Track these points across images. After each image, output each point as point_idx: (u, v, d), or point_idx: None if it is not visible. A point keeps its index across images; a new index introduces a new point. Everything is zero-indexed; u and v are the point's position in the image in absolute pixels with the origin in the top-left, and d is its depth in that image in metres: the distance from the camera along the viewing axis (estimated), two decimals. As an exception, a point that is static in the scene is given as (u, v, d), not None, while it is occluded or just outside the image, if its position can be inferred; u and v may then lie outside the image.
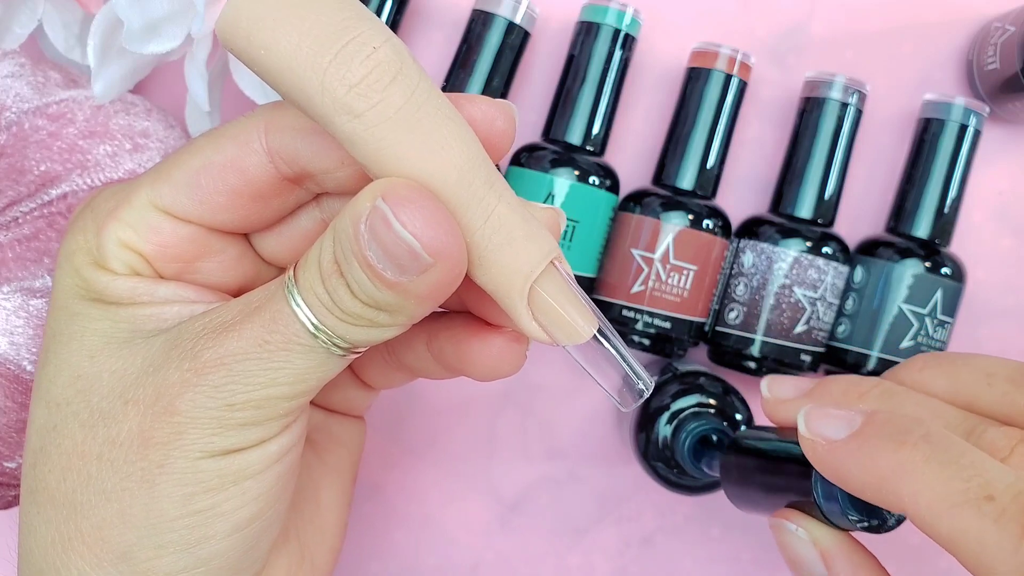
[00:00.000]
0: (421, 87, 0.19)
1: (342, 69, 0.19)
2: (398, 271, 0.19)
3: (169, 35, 0.30)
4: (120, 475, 0.21)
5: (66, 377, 0.23)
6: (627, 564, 0.41)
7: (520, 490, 0.41)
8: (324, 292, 0.20)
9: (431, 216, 0.19)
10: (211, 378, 0.21)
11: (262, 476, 0.22)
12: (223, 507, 0.22)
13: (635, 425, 0.37)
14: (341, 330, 0.21)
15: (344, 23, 0.19)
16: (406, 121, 0.19)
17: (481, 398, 0.41)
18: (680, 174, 0.37)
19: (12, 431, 0.30)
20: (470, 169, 0.19)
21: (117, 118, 0.32)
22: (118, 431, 0.22)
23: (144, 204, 0.23)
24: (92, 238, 0.24)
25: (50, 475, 0.22)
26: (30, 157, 0.30)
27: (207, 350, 0.21)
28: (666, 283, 0.36)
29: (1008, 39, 0.37)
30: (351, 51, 0.19)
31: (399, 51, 0.19)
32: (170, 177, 0.23)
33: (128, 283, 0.23)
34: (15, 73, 0.31)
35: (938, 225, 0.38)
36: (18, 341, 0.29)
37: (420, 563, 0.41)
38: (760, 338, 0.37)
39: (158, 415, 0.21)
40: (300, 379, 0.21)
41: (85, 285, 0.24)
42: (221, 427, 0.21)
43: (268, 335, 0.21)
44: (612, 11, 0.37)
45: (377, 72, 0.19)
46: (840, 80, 0.37)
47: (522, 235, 0.20)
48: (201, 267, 0.24)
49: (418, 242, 0.19)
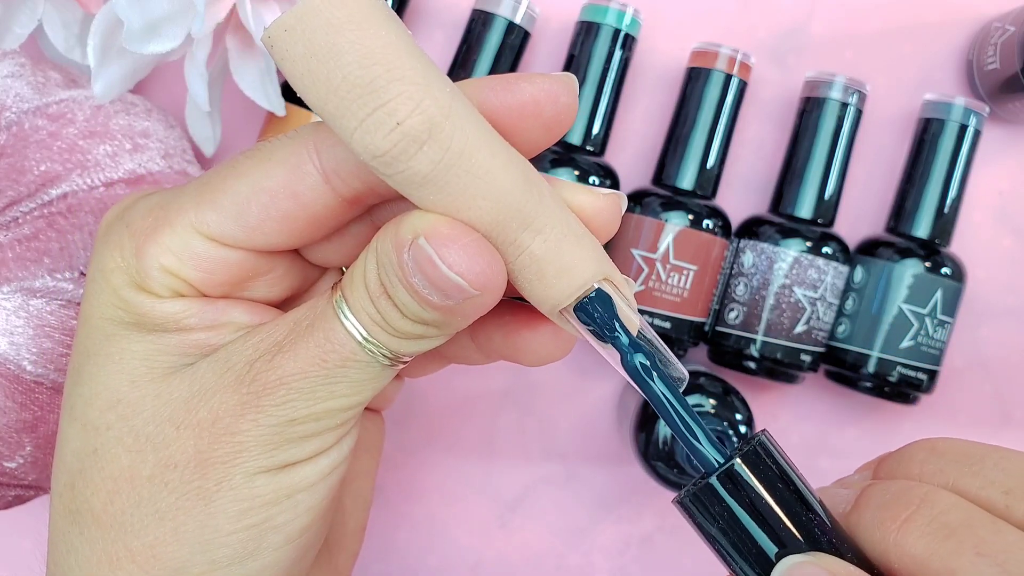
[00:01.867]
0: (453, 148, 0.19)
1: (367, 139, 0.18)
2: (444, 297, 0.20)
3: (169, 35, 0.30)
4: (176, 495, 0.22)
5: (104, 401, 0.23)
6: (627, 564, 0.41)
7: (520, 490, 0.41)
8: (375, 311, 0.21)
9: (474, 254, 0.19)
10: (272, 398, 0.21)
11: (315, 488, 0.23)
12: (276, 520, 0.22)
13: (635, 425, 0.37)
14: (394, 345, 0.21)
15: (372, 84, 0.18)
16: (434, 184, 0.19)
17: (481, 398, 0.41)
18: (680, 174, 0.37)
19: (12, 431, 0.30)
20: (501, 219, 0.20)
21: (117, 118, 0.32)
22: (171, 454, 0.22)
23: (187, 230, 0.22)
24: (131, 259, 0.23)
25: (94, 497, 0.22)
26: (30, 157, 0.30)
27: (264, 373, 0.21)
28: (666, 283, 0.36)
29: (1008, 39, 0.37)
30: (375, 123, 0.18)
31: (429, 115, 0.18)
32: (215, 203, 0.22)
33: (173, 307, 0.23)
34: (15, 73, 0.31)
35: (938, 225, 0.38)
36: (18, 341, 0.29)
37: (421, 563, 0.41)
38: (760, 338, 0.37)
39: (217, 436, 0.21)
40: (356, 391, 0.22)
41: (124, 307, 0.23)
42: (281, 442, 0.22)
43: (325, 354, 0.21)
44: (612, 11, 0.37)
45: (402, 144, 0.18)
46: (840, 80, 0.37)
47: (553, 271, 0.20)
48: (250, 287, 0.24)
49: (464, 280, 0.19)
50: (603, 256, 0.21)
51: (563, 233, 0.20)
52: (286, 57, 0.18)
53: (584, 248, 0.21)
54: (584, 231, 0.21)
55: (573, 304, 0.21)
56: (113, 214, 0.24)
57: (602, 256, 0.21)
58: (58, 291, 0.30)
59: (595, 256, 0.21)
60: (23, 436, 0.30)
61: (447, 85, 0.19)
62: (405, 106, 0.18)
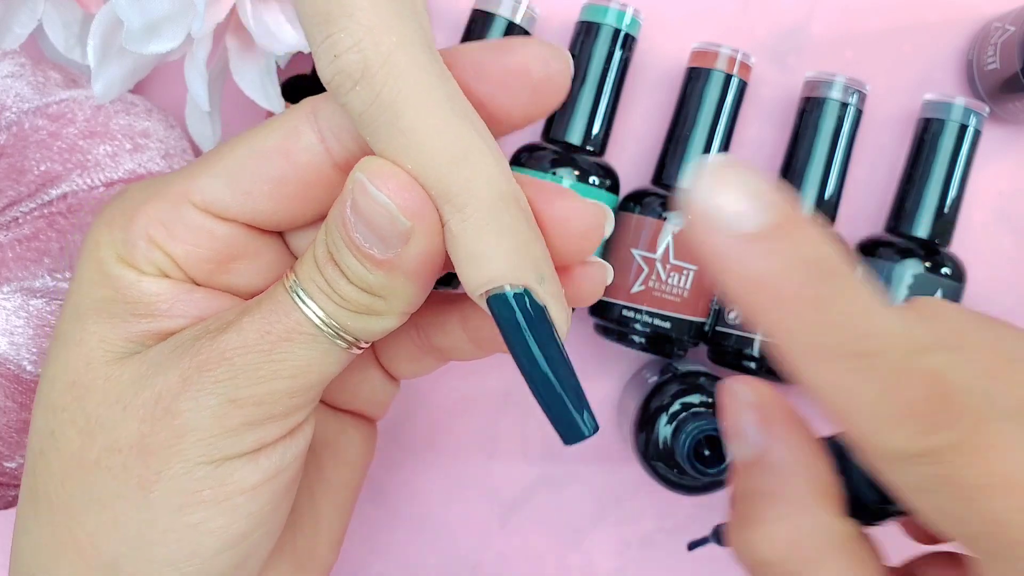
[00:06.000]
0: (383, 95, 0.19)
1: (319, 64, 0.20)
2: (382, 245, 0.20)
3: (169, 35, 0.30)
4: (117, 482, 0.21)
5: (63, 383, 0.23)
6: (627, 564, 0.41)
7: (520, 490, 0.41)
8: (322, 279, 0.21)
9: (403, 182, 0.20)
10: (213, 374, 0.21)
11: (256, 493, 0.22)
12: (214, 523, 0.21)
13: (635, 425, 0.37)
14: (341, 317, 0.21)
15: (328, 15, 0.19)
16: (366, 127, 0.20)
17: (481, 398, 0.41)
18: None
19: (12, 431, 0.30)
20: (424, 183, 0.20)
21: (117, 118, 0.32)
22: (117, 438, 0.21)
23: (179, 199, 0.22)
24: (119, 232, 0.23)
25: (50, 481, 0.22)
26: (30, 157, 0.30)
27: (207, 347, 0.21)
28: (666, 283, 0.36)
29: (1008, 39, 0.37)
30: (323, 51, 0.19)
31: (365, 55, 0.19)
32: (210, 168, 0.22)
33: (154, 285, 0.22)
34: (15, 73, 0.31)
35: (938, 225, 0.38)
36: (18, 341, 0.29)
37: (421, 563, 0.41)
38: (760, 338, 0.37)
39: (158, 418, 0.21)
40: (302, 371, 0.21)
41: (105, 282, 0.23)
42: (221, 429, 0.21)
43: (269, 326, 0.21)
44: (612, 11, 0.37)
45: (339, 78, 0.19)
46: (840, 80, 0.37)
47: (464, 255, 0.20)
48: (234, 269, 0.23)
49: (393, 203, 0.19)
50: (526, 259, 0.20)
51: (488, 220, 0.20)
52: None
53: (505, 243, 0.20)
54: (525, 230, 0.20)
55: (486, 297, 0.20)
56: (112, 197, 0.24)
57: (523, 259, 0.20)
58: (58, 291, 0.30)
59: (516, 256, 0.20)
60: (23, 436, 0.30)
61: (398, 35, 0.19)
62: (344, 42, 0.19)
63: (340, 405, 0.28)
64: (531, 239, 0.20)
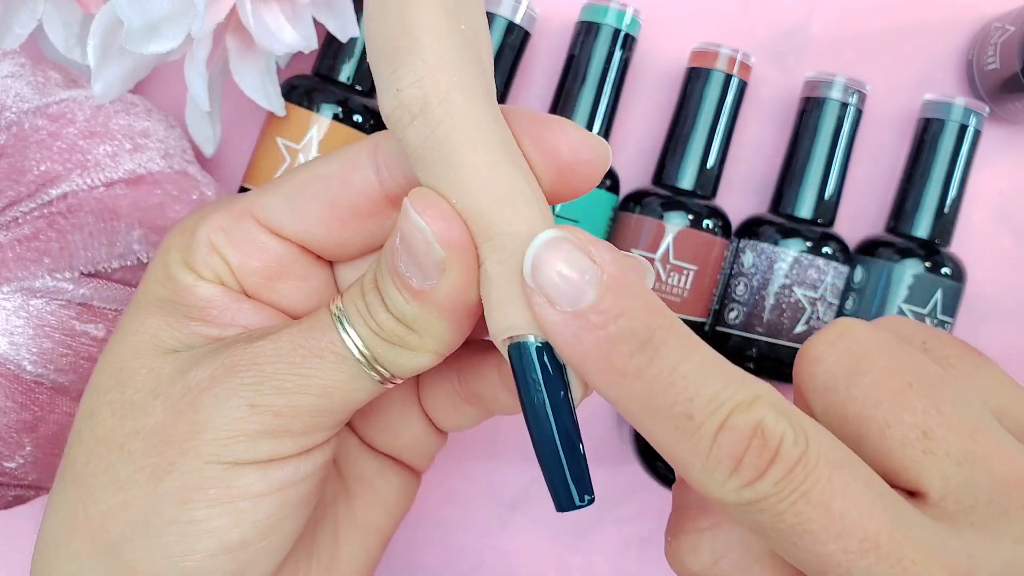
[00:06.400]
0: (438, 131, 0.20)
1: (382, 97, 0.20)
2: (420, 275, 0.20)
3: (169, 35, 0.30)
4: (134, 467, 0.22)
5: (110, 368, 0.24)
6: (627, 564, 0.41)
7: (520, 490, 0.41)
8: (363, 304, 0.22)
9: (444, 211, 0.20)
10: (240, 377, 0.22)
11: (260, 501, 0.22)
12: (216, 523, 0.22)
13: (635, 425, 0.37)
14: (374, 345, 0.21)
15: (396, 51, 0.20)
16: (419, 162, 0.20)
17: (481, 398, 0.41)
18: (680, 174, 0.37)
19: (12, 431, 0.30)
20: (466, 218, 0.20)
21: (117, 118, 0.32)
22: (144, 424, 0.22)
23: (242, 212, 0.24)
24: (188, 236, 0.24)
25: (78, 457, 0.23)
26: (30, 157, 0.30)
27: (240, 350, 0.22)
28: (666, 283, 0.36)
29: (1008, 39, 0.37)
30: (386, 85, 0.20)
31: (425, 92, 0.20)
32: (276, 189, 0.24)
33: (210, 290, 0.24)
34: (15, 73, 0.31)
35: (938, 225, 0.38)
36: (18, 341, 0.29)
37: (420, 563, 0.41)
38: (760, 338, 0.37)
39: (181, 411, 0.22)
40: (327, 392, 0.22)
41: (167, 282, 0.24)
42: (237, 432, 0.21)
43: (304, 340, 0.22)
44: (612, 11, 0.37)
45: (398, 112, 0.20)
46: (840, 80, 0.37)
47: (495, 298, 0.20)
48: (281, 288, 0.24)
49: (430, 229, 0.20)
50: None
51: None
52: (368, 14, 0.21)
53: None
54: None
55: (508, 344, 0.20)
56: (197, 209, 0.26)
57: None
58: (58, 291, 0.30)
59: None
60: (23, 436, 0.30)
61: (459, 76, 0.20)
62: (407, 77, 0.20)
63: (381, 448, 0.28)
64: None
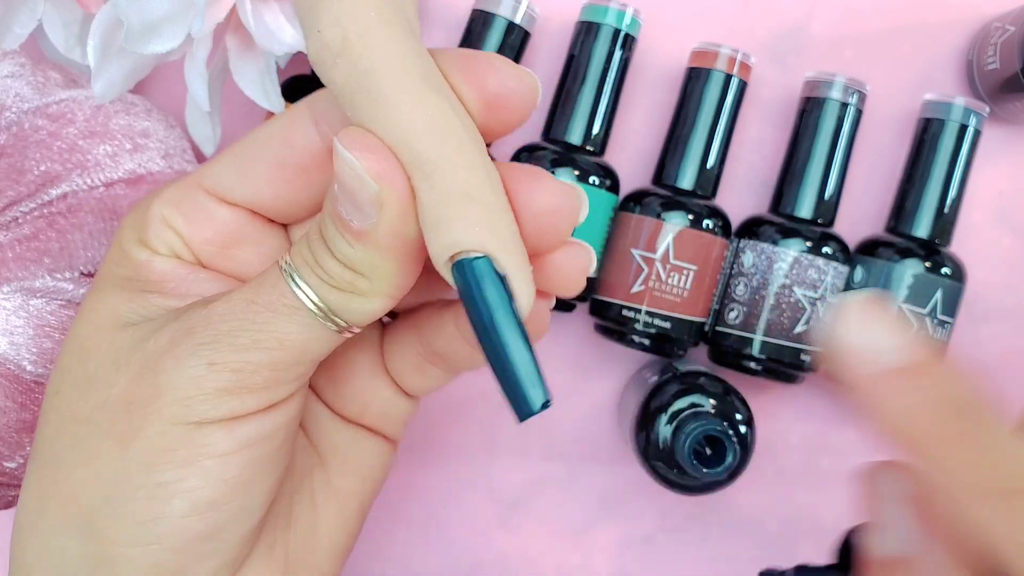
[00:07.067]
0: (360, 67, 0.20)
1: (306, 42, 0.21)
2: (359, 214, 0.20)
3: (169, 35, 0.30)
4: (100, 436, 0.22)
5: (72, 347, 0.24)
6: (627, 564, 0.41)
7: (520, 490, 0.41)
8: (309, 254, 0.22)
9: (372, 144, 0.20)
10: (197, 337, 0.22)
11: (228, 459, 0.22)
12: (185, 484, 0.22)
13: (635, 425, 0.37)
14: (325, 293, 0.22)
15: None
16: (346, 100, 0.21)
17: (481, 398, 0.41)
18: (680, 174, 0.37)
19: (12, 431, 0.30)
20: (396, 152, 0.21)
21: (117, 118, 0.32)
22: (107, 395, 0.22)
23: (190, 183, 0.24)
24: (140, 215, 0.25)
25: (47, 436, 0.24)
26: (30, 157, 0.30)
27: (196, 311, 0.22)
28: (666, 283, 0.36)
29: (1008, 39, 0.37)
30: (307, 28, 0.21)
31: (344, 30, 0.20)
32: (221, 159, 0.24)
33: (165, 264, 0.24)
34: (15, 73, 0.31)
35: (938, 225, 0.38)
36: (18, 341, 0.29)
37: (420, 563, 0.41)
38: (760, 338, 0.37)
39: (143, 375, 0.22)
40: (283, 345, 0.22)
41: (123, 261, 0.24)
42: (198, 391, 0.22)
43: (256, 296, 0.22)
44: (612, 11, 0.37)
45: (322, 54, 0.20)
46: (840, 80, 0.37)
47: (431, 222, 0.20)
48: (237, 255, 0.25)
49: (360, 164, 0.20)
50: (493, 229, 0.20)
51: (454, 187, 0.20)
52: None
53: (471, 210, 0.20)
54: (493, 200, 0.21)
55: (449, 264, 0.20)
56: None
57: (490, 228, 0.20)
58: (58, 291, 0.30)
59: (480, 223, 0.20)
60: (23, 436, 0.30)
61: (376, 12, 0.20)
62: (325, 17, 0.20)
63: (351, 417, 0.28)
64: (498, 209, 0.21)
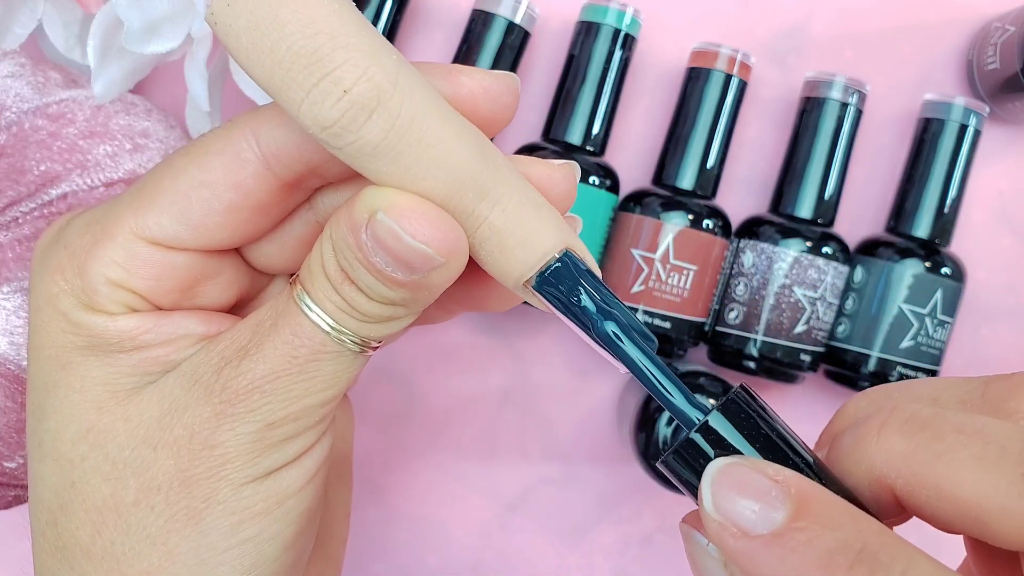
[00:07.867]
0: (403, 116, 0.18)
1: (315, 110, 0.18)
2: (408, 272, 0.20)
3: (169, 35, 0.30)
4: (164, 518, 0.21)
5: (73, 432, 0.22)
6: (627, 564, 0.41)
7: (520, 490, 0.41)
8: (340, 299, 0.21)
9: (436, 221, 0.19)
10: (246, 404, 0.21)
11: (303, 492, 0.22)
12: (270, 530, 0.22)
13: (635, 425, 0.37)
14: (363, 331, 0.21)
15: (316, 54, 0.18)
16: (386, 155, 0.19)
17: (481, 398, 0.41)
18: (680, 174, 0.37)
19: (12, 431, 0.30)
20: (458, 189, 0.19)
21: (117, 118, 0.32)
22: (153, 476, 0.21)
23: (129, 237, 0.21)
24: (74, 279, 0.22)
25: (80, 531, 0.22)
26: (30, 157, 0.30)
27: (234, 380, 0.21)
28: (666, 283, 0.36)
29: (1008, 39, 0.37)
30: (322, 92, 0.18)
31: (376, 82, 0.18)
32: (155, 205, 0.21)
33: (127, 323, 0.22)
34: (15, 73, 0.31)
35: (938, 225, 0.38)
36: (18, 341, 0.29)
37: (420, 563, 0.41)
38: (760, 338, 0.37)
39: (196, 452, 0.21)
40: (331, 384, 0.22)
41: (76, 330, 0.22)
42: (262, 448, 0.21)
43: (295, 351, 0.21)
44: (612, 11, 0.37)
45: (351, 113, 0.18)
46: (840, 80, 0.37)
47: (514, 242, 0.20)
48: (199, 292, 0.23)
49: (430, 248, 0.19)
50: (563, 224, 0.21)
51: (521, 203, 0.20)
52: (230, 32, 0.18)
53: (544, 217, 0.20)
54: (542, 200, 0.21)
55: (536, 276, 0.20)
56: (46, 239, 0.24)
57: (561, 224, 0.21)
58: (58, 291, 0.30)
59: (555, 225, 0.20)
60: (23, 436, 0.30)
61: (393, 53, 0.19)
62: (351, 73, 0.18)
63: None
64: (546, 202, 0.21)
